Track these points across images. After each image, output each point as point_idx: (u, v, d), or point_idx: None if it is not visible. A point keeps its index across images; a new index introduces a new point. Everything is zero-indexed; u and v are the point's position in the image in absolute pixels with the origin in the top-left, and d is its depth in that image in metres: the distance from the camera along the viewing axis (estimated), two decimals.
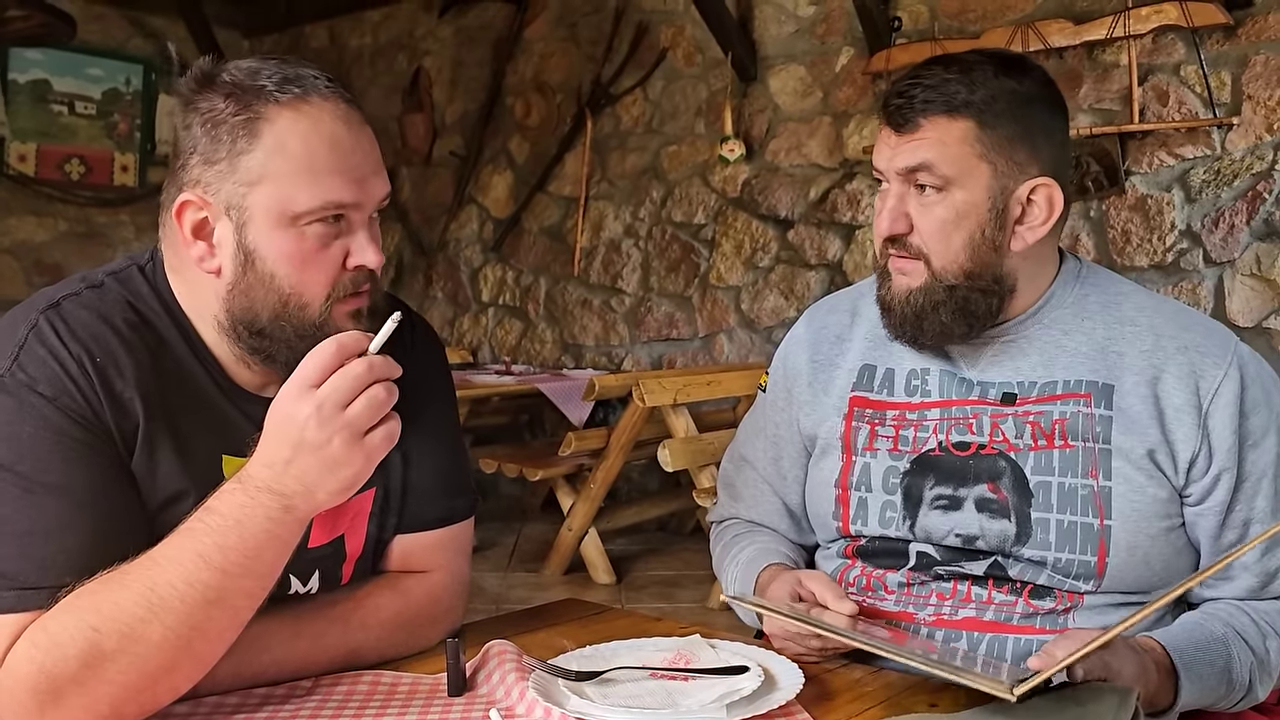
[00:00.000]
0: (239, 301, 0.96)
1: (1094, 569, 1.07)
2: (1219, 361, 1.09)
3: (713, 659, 0.98)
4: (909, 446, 1.16)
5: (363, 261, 0.97)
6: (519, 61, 5.24)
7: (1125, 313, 1.15)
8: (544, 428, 5.08)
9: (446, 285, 5.59)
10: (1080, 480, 1.08)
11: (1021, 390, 1.13)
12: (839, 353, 1.26)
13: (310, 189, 0.93)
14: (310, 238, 0.94)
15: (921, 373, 1.19)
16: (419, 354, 1.15)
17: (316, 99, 0.95)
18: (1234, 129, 3.46)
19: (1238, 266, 3.46)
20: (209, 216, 0.95)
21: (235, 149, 0.94)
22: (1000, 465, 1.11)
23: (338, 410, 0.85)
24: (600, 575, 3.85)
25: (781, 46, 4.41)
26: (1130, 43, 3.55)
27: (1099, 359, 1.12)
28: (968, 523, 1.11)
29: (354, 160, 0.96)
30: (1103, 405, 1.09)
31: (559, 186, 5.12)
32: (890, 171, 1.12)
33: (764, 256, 4.48)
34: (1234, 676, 1.05)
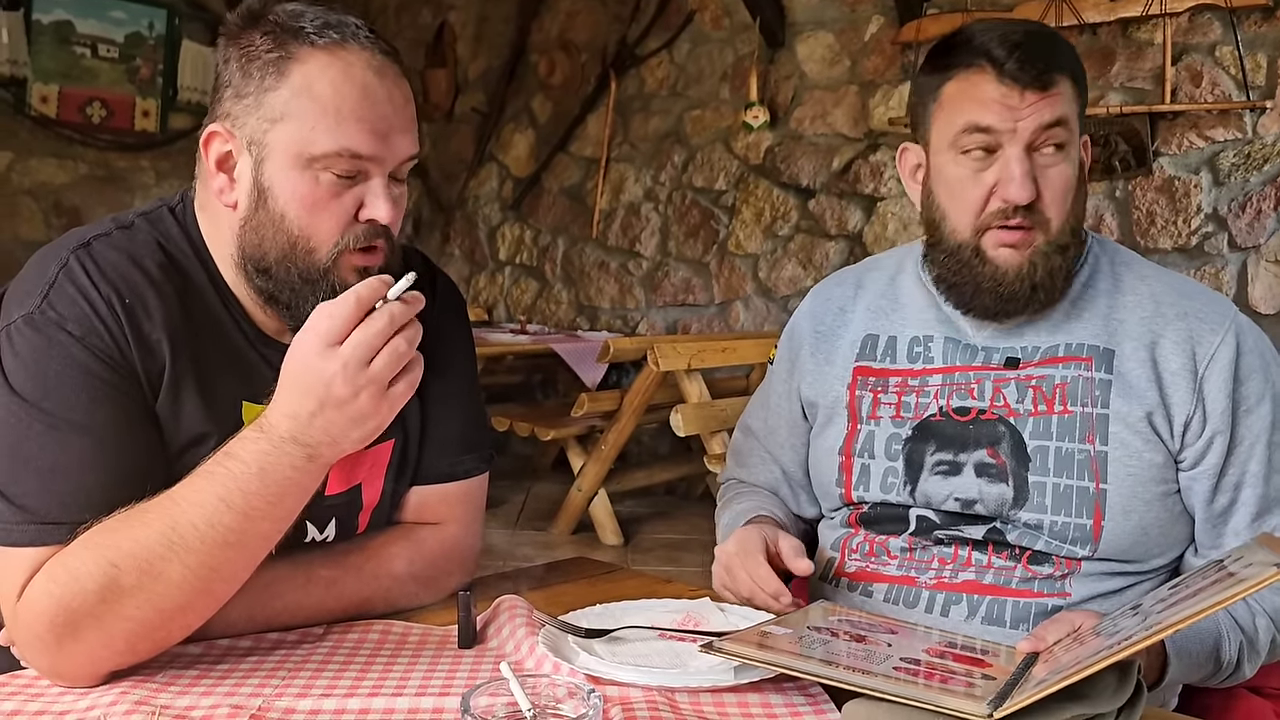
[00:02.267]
0: (249, 238, 0.97)
1: (1090, 533, 1.09)
2: (1216, 328, 1.10)
3: (721, 622, 0.99)
4: (910, 413, 1.18)
5: (374, 215, 0.95)
6: (544, 19, 5.19)
7: (1127, 281, 1.16)
8: (556, 388, 5.09)
9: (464, 243, 5.58)
10: (1077, 445, 1.10)
11: (1025, 355, 1.15)
12: (841, 324, 1.27)
13: (330, 133, 0.92)
14: (324, 183, 0.94)
15: (925, 340, 1.20)
16: (440, 308, 1.15)
17: (354, 46, 0.95)
18: (1267, 113, 3.40)
19: (1263, 252, 3.42)
20: (233, 150, 0.96)
21: (264, 85, 0.94)
22: (1000, 430, 1.13)
23: (362, 367, 0.85)
24: (608, 536, 3.87)
25: (811, 13, 4.35)
26: (1166, 21, 3.49)
27: (1101, 324, 1.14)
28: (966, 487, 1.13)
29: (380, 112, 0.94)
30: (1103, 369, 1.11)
31: (580, 147, 5.09)
32: (1019, 131, 1.06)
33: (784, 225, 4.45)
34: (1222, 655, 1.06)
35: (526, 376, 5.14)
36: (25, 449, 0.89)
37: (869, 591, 1.18)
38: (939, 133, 1.13)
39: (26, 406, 0.89)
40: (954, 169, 1.11)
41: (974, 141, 1.08)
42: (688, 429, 3.35)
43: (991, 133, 1.07)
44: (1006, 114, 1.07)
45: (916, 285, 1.24)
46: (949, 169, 1.11)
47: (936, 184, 1.14)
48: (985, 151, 1.08)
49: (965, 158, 1.09)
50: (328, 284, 0.96)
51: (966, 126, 1.08)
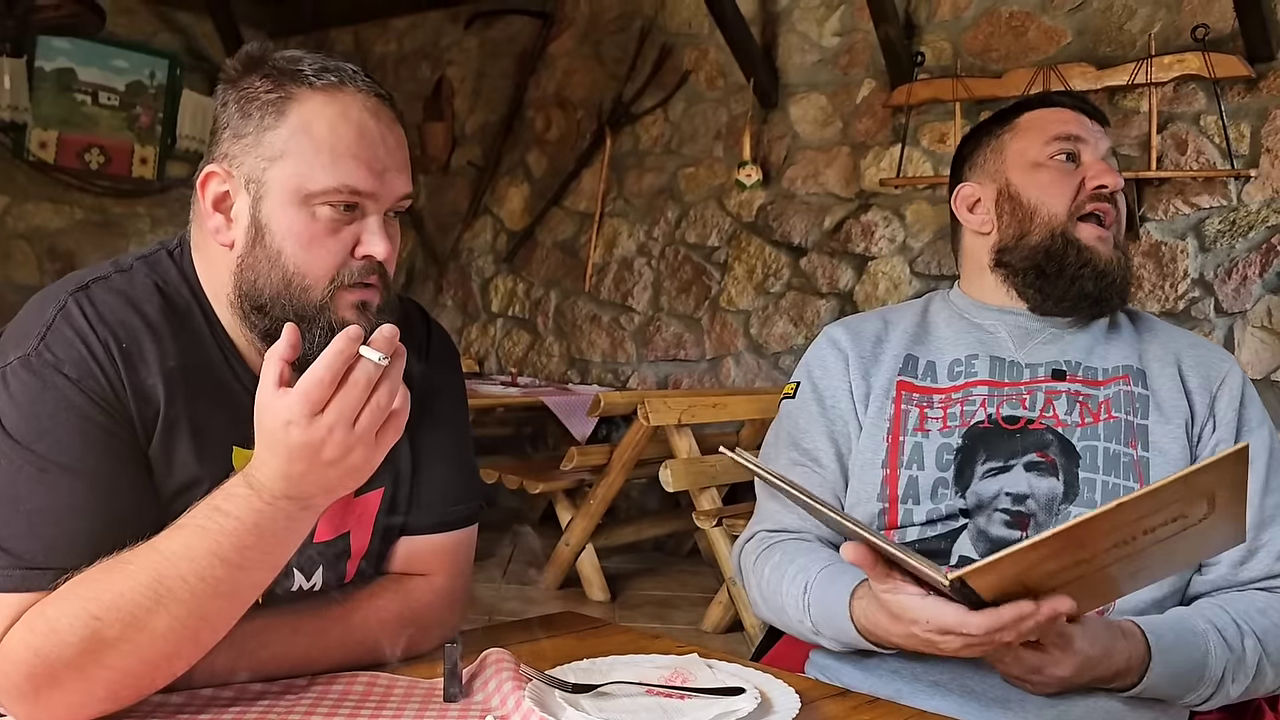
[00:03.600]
0: (246, 275, 0.96)
1: None
2: (1224, 359, 1.26)
3: (709, 679, 0.98)
4: (958, 421, 1.21)
5: (371, 251, 0.96)
6: (541, 76, 5.27)
7: (1141, 323, 1.32)
8: (546, 441, 5.08)
9: (457, 294, 5.61)
10: (1123, 448, 1.17)
11: (1069, 369, 1.23)
12: (880, 350, 1.30)
13: (327, 170, 0.93)
14: (321, 220, 0.94)
15: (967, 360, 1.26)
16: (434, 359, 1.15)
17: (351, 89, 0.97)
18: (1251, 181, 3.47)
19: (1249, 318, 3.46)
20: (230, 190, 0.97)
21: (263, 125, 0.95)
22: (1048, 437, 1.19)
23: (349, 429, 0.83)
24: (595, 592, 3.84)
25: (804, 75, 4.43)
26: (1151, 90, 3.57)
27: (1130, 349, 1.26)
28: (1016, 482, 1.17)
29: (376, 151, 0.96)
30: (1140, 385, 1.22)
31: (575, 201, 5.14)
32: (1097, 144, 1.26)
33: (775, 282, 4.49)
34: (1208, 672, 1.08)
35: (516, 429, 5.13)
36: (14, 491, 0.88)
37: None
38: (1019, 154, 1.28)
39: (19, 449, 0.88)
40: (1043, 174, 1.26)
41: (1061, 148, 1.25)
42: (677, 485, 3.34)
43: (1076, 141, 1.25)
44: (1084, 129, 1.26)
45: (951, 319, 1.32)
46: (1038, 175, 1.26)
47: (1024, 191, 1.26)
48: (1068, 158, 1.25)
49: (1052, 163, 1.25)
50: (324, 321, 0.95)
51: (1056, 136, 1.26)
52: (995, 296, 1.30)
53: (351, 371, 0.83)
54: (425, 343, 1.15)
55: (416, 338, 1.15)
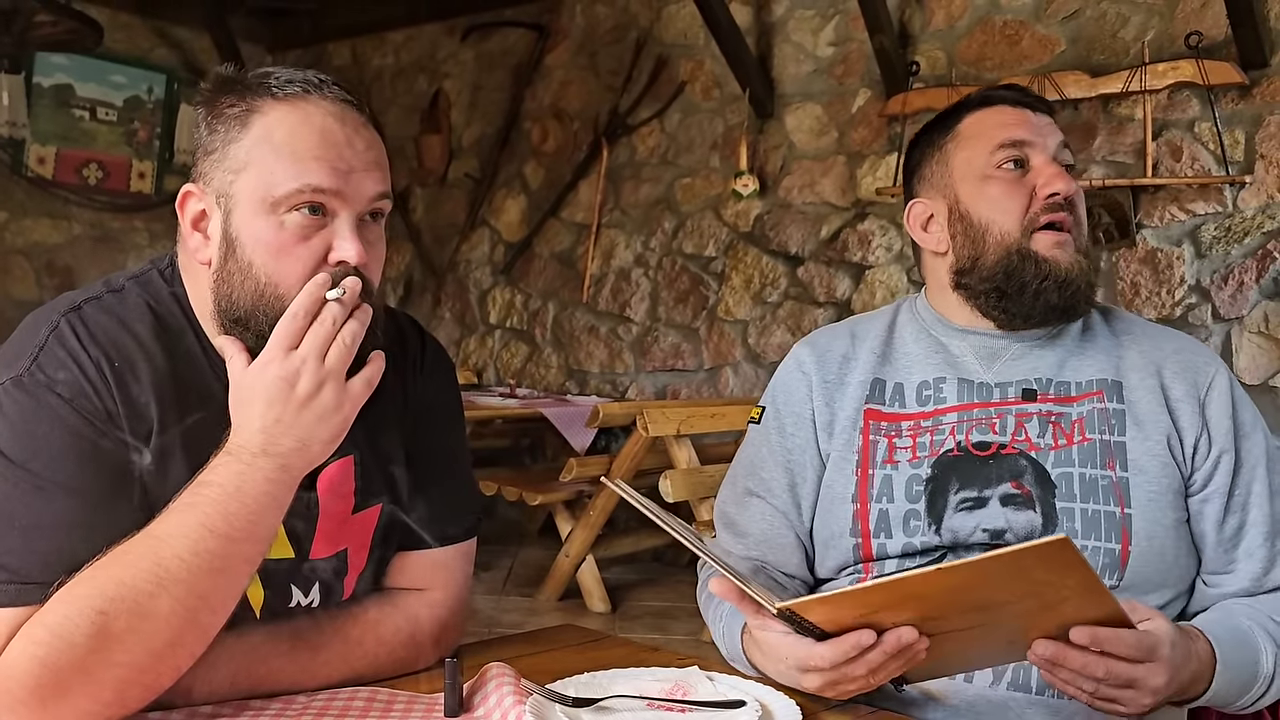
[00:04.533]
0: (222, 290, 0.97)
1: (1118, 559, 1.09)
2: (1209, 360, 1.20)
3: (710, 691, 0.98)
4: (927, 451, 1.17)
5: (342, 256, 0.94)
6: (538, 88, 5.28)
7: (1119, 325, 1.25)
8: (545, 452, 5.08)
9: (455, 306, 5.61)
10: (1100, 471, 1.12)
11: (1040, 386, 1.18)
12: (846, 371, 1.25)
13: (289, 173, 0.93)
14: (289, 227, 0.94)
15: (935, 383, 1.21)
16: (430, 374, 1.15)
17: (315, 97, 0.96)
18: (1246, 187, 3.48)
19: (1245, 324, 3.47)
20: (205, 208, 0.98)
21: (228, 139, 0.96)
22: (1021, 464, 1.14)
23: (320, 362, 0.90)
24: (595, 603, 3.83)
25: (799, 85, 4.44)
26: (1146, 97, 3.58)
27: (1105, 360, 1.20)
28: (993, 517, 1.12)
29: (341, 152, 0.95)
30: (1115, 399, 1.16)
31: (571, 213, 5.15)
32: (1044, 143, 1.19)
33: (773, 292, 4.49)
34: (1262, 670, 1.05)
35: (515, 440, 5.13)
36: (9, 508, 0.88)
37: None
38: (965, 165, 1.22)
39: (13, 467, 0.89)
40: (993, 187, 1.19)
41: (1007, 156, 1.19)
42: (677, 495, 3.34)
43: (1022, 146, 1.19)
44: (1030, 129, 1.19)
45: (918, 335, 1.26)
46: (988, 189, 1.20)
47: (974, 208, 1.20)
48: (1016, 164, 1.19)
49: (1001, 173, 1.19)
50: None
51: (1000, 143, 1.20)
52: (960, 315, 1.24)
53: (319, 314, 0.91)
54: (420, 357, 1.15)
55: (411, 352, 1.15)
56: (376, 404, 0.99)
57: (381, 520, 1.08)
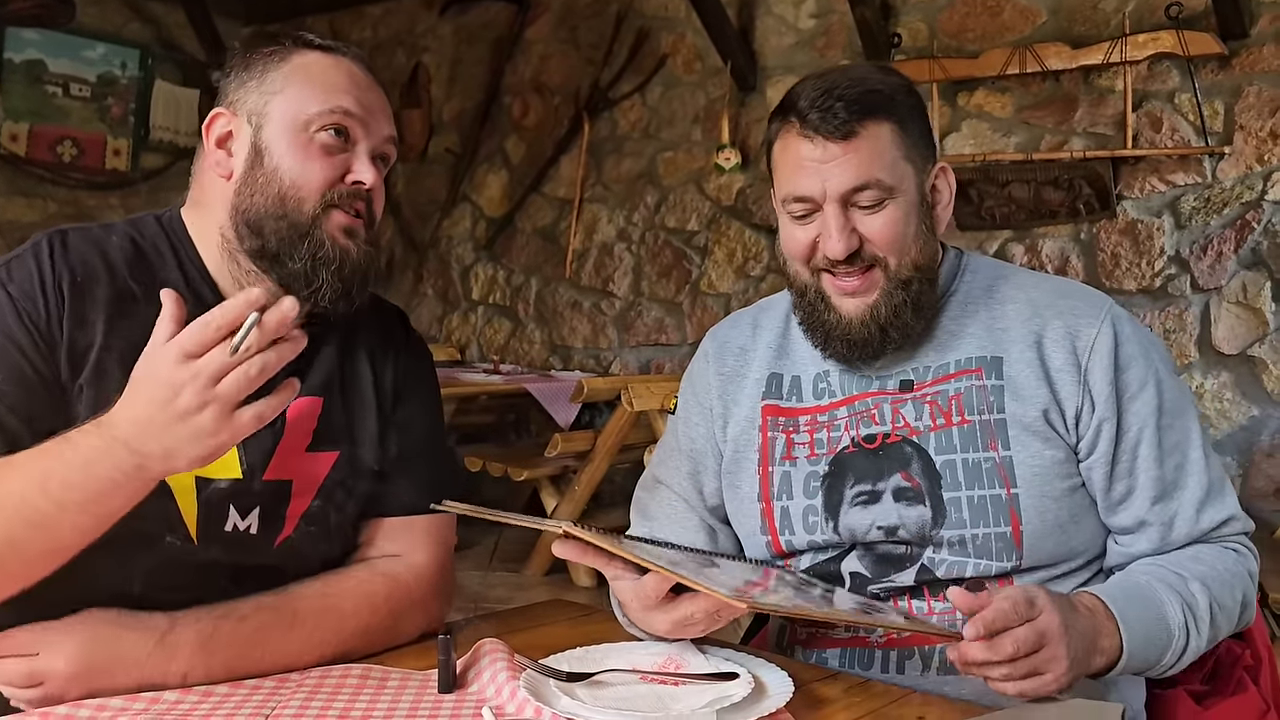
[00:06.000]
0: (243, 197, 1.06)
1: (1011, 541, 1.09)
2: (1092, 321, 1.13)
3: (703, 664, 0.99)
4: (824, 449, 1.17)
5: (360, 177, 1.07)
6: (518, 62, 5.24)
7: (1006, 292, 1.18)
8: (529, 428, 5.08)
9: (437, 283, 5.59)
10: (982, 454, 1.11)
11: (917, 376, 1.16)
12: (743, 364, 1.26)
13: (322, 97, 1.06)
14: (316, 143, 1.06)
15: (825, 375, 1.21)
16: (408, 355, 1.22)
17: (342, 55, 1.11)
18: (1225, 158, 3.50)
19: (1224, 294, 3.49)
20: (233, 129, 1.08)
21: (266, 69, 1.09)
22: (907, 451, 1.14)
23: (212, 382, 0.86)
24: (581, 577, 3.85)
25: (781, 58, 4.43)
26: (1126, 69, 3.59)
27: (985, 336, 1.16)
28: (886, 513, 1.12)
29: (365, 94, 1.09)
30: (993, 376, 1.13)
31: (553, 188, 5.12)
32: (829, 191, 1.08)
33: (755, 266, 4.50)
34: (1172, 626, 1.03)
35: (499, 416, 5.12)
36: None
37: (824, 658, 1.16)
38: (775, 191, 1.17)
39: None
40: (785, 225, 1.15)
41: (796, 209, 1.12)
42: None
43: (806, 200, 1.10)
44: (815, 176, 1.09)
45: None
46: (783, 224, 1.16)
47: (781, 233, 1.18)
48: (806, 212, 1.12)
49: (789, 218, 1.14)
50: (314, 239, 1.04)
51: (785, 197, 1.12)
52: None
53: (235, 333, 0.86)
54: (405, 343, 1.23)
55: (396, 339, 1.21)
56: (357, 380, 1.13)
57: (339, 470, 1.11)
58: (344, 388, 1.13)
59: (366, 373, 1.15)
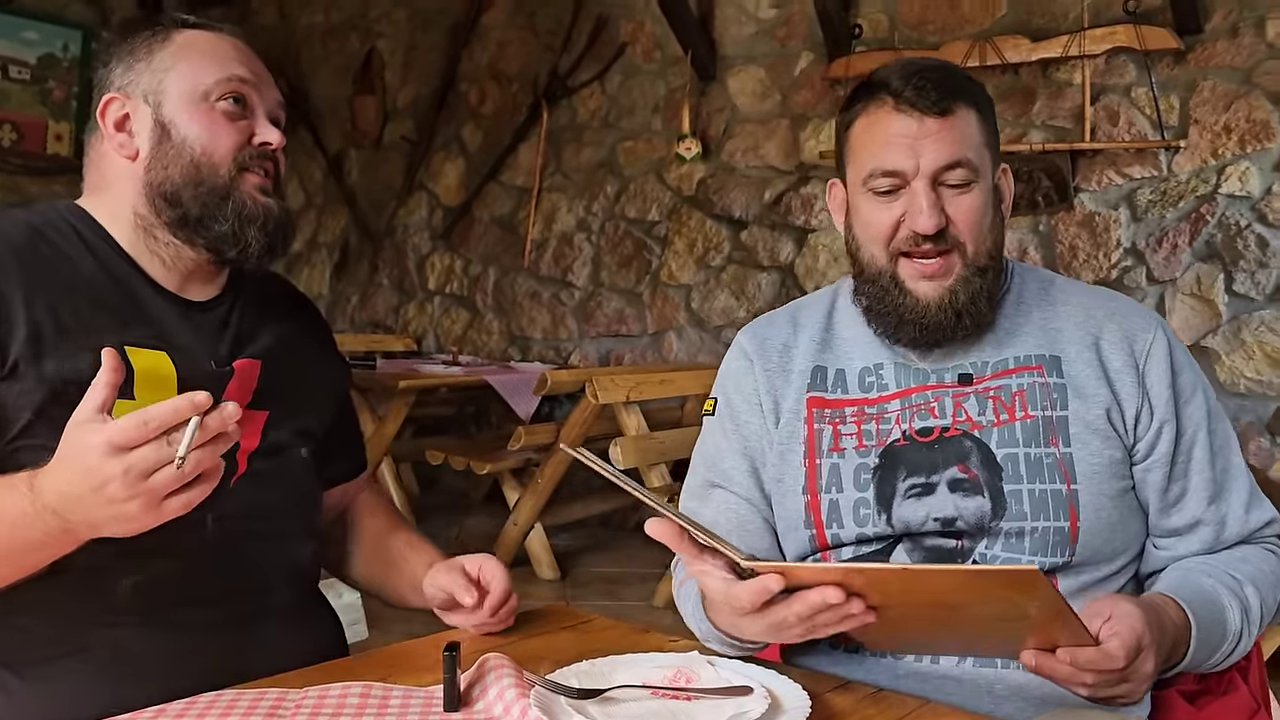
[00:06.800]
0: (155, 173, 1.10)
1: (1068, 535, 1.10)
2: (1147, 325, 1.17)
3: (714, 677, 0.98)
4: (873, 440, 1.16)
5: (265, 138, 1.13)
6: (474, 48, 5.17)
7: (1057, 295, 1.21)
8: (489, 420, 5.04)
9: (393, 272, 5.51)
10: (1044, 449, 1.12)
11: (976, 370, 1.17)
12: (787, 359, 1.25)
13: (215, 67, 1.12)
14: (218, 112, 1.11)
15: (875, 369, 1.20)
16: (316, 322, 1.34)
17: (221, 31, 1.17)
18: (1180, 152, 3.55)
19: (1179, 286, 3.56)
20: (130, 111, 1.12)
21: (151, 49, 1.13)
22: (966, 445, 1.13)
23: (142, 478, 0.84)
24: (544, 571, 3.83)
25: (741, 47, 4.41)
26: (1084, 62, 3.63)
27: (1040, 335, 1.18)
28: (943, 505, 1.12)
29: (252, 64, 1.16)
30: (1054, 374, 1.15)
31: (511, 176, 5.07)
32: (922, 167, 1.09)
33: (716, 256, 4.49)
34: (1230, 628, 1.07)
35: (459, 408, 5.07)
36: None
37: (855, 648, 1.15)
38: (852, 173, 1.17)
39: None
40: (865, 204, 1.15)
41: (881, 184, 1.12)
42: (627, 462, 3.34)
43: (897, 175, 1.11)
44: (908, 150, 1.10)
45: (855, 319, 1.24)
46: (862, 205, 1.15)
47: (855, 218, 1.18)
48: (893, 189, 1.12)
49: (870, 196, 1.14)
50: (236, 199, 1.11)
51: (873, 171, 1.12)
52: None
53: (174, 430, 0.85)
54: (311, 311, 1.34)
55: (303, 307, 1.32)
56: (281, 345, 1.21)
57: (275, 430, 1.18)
58: (277, 355, 1.20)
59: (294, 343, 1.24)
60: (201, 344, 1.13)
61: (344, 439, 1.34)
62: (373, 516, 1.37)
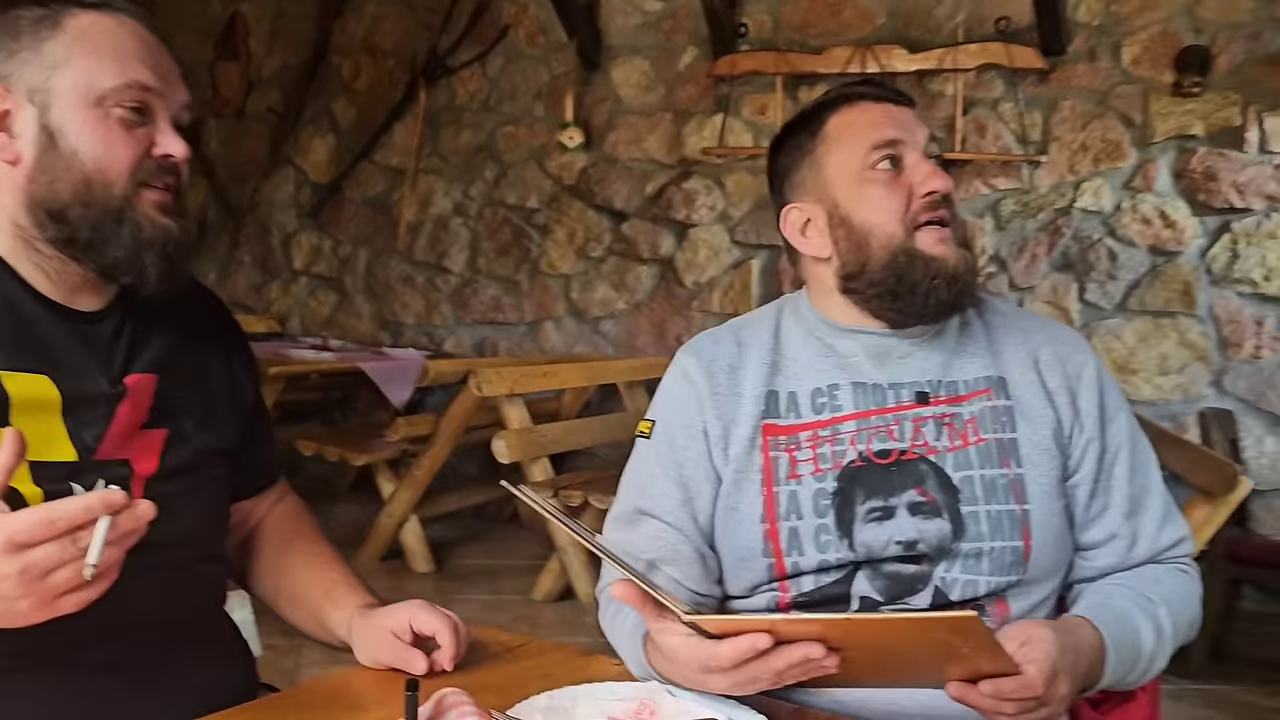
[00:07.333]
0: (39, 185, 0.97)
1: (1021, 554, 1.14)
2: (1078, 347, 1.23)
3: (676, 709, 0.98)
4: (829, 463, 1.17)
5: (168, 150, 1.00)
6: (348, 20, 4.99)
7: (991, 317, 1.25)
8: (356, 406, 4.90)
9: (255, 249, 5.27)
10: (998, 471, 1.16)
11: (931, 389, 1.19)
12: (736, 382, 1.23)
13: (115, 68, 0.97)
14: (114, 118, 0.97)
15: (829, 390, 1.21)
16: (230, 331, 1.24)
17: (120, 13, 1.01)
18: (1041, 166, 3.76)
19: (1037, 293, 3.77)
20: (11, 107, 0.98)
21: (38, 37, 0.97)
22: (922, 469, 1.16)
23: (39, 578, 0.79)
24: (419, 564, 3.76)
25: (627, 38, 4.41)
26: (957, 76, 3.79)
27: (987, 356, 1.21)
28: (904, 528, 1.14)
29: (158, 57, 1.01)
30: (1002, 396, 1.19)
31: (386, 156, 4.92)
32: (915, 139, 1.17)
33: (596, 247, 4.48)
34: (1144, 648, 1.11)
35: (324, 393, 4.91)
36: None
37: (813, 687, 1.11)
38: (839, 169, 1.18)
39: None
40: (870, 189, 1.17)
41: (881, 155, 1.16)
42: (511, 456, 3.30)
43: (895, 145, 1.16)
44: (898, 126, 1.17)
45: (805, 338, 1.25)
46: (866, 191, 1.17)
47: (854, 211, 1.18)
48: (892, 163, 1.16)
49: (876, 174, 1.16)
50: (132, 221, 0.98)
51: (873, 145, 1.16)
52: (848, 316, 1.23)
53: (81, 528, 0.79)
54: (224, 319, 1.24)
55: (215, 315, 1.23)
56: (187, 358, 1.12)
57: (175, 449, 1.09)
58: (176, 366, 1.11)
59: (196, 350, 1.15)
60: (92, 360, 1.03)
61: (255, 448, 1.24)
62: (286, 552, 1.27)
